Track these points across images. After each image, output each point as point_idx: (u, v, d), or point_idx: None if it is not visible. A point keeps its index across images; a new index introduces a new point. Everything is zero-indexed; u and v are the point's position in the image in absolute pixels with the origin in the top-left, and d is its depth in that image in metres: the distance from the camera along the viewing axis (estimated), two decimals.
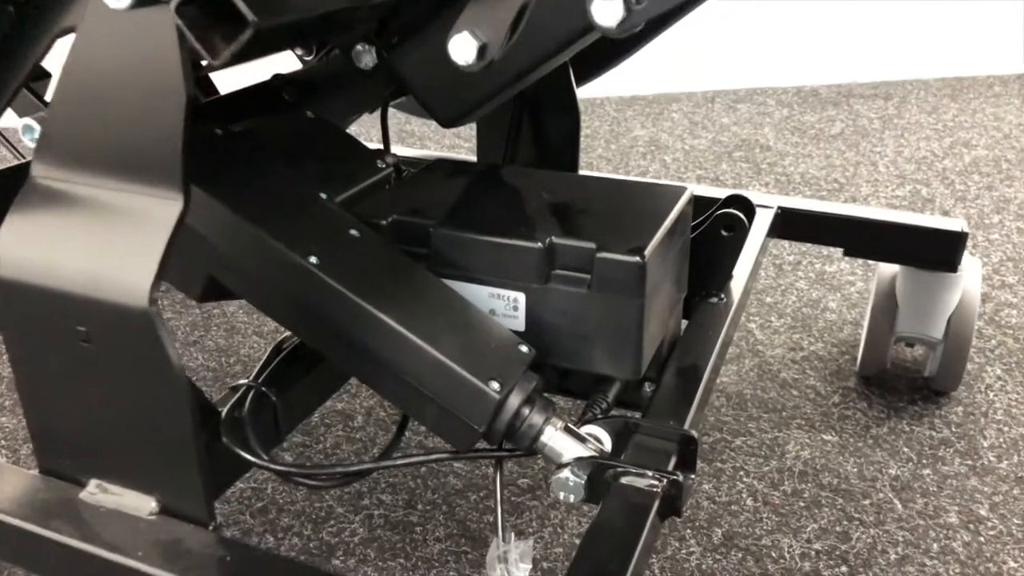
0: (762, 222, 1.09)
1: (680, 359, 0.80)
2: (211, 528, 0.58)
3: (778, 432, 1.14)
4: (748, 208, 0.89)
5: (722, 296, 0.90)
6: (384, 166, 0.85)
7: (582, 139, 1.33)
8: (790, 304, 1.45)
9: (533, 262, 0.71)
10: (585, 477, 0.66)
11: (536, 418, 0.67)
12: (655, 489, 0.63)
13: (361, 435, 1.13)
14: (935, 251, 1.08)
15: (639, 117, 2.46)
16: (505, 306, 0.73)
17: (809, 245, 1.66)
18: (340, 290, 0.66)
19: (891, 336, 1.18)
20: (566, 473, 0.66)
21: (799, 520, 1.00)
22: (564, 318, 0.72)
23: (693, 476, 0.68)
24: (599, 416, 0.72)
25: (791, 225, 1.12)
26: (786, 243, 1.66)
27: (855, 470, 1.08)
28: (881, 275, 1.17)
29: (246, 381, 0.73)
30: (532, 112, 1.17)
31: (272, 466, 0.66)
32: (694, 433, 0.68)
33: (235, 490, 1.03)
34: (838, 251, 1.63)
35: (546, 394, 0.72)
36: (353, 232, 0.72)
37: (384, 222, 0.75)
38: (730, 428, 1.15)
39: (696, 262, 0.86)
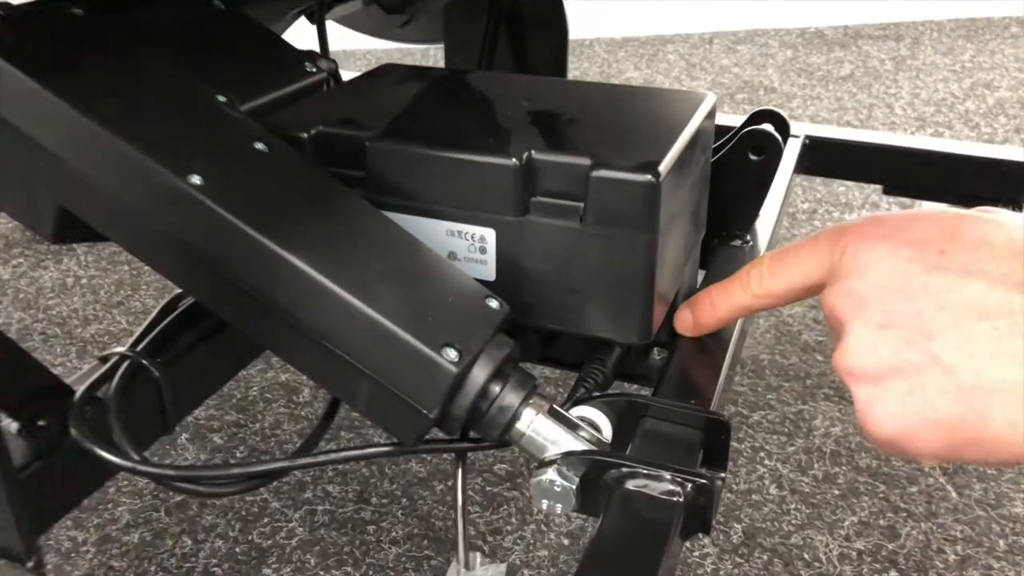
0: (788, 154, 0.90)
1: None
2: (30, 566, 0.39)
3: (803, 404, 0.97)
4: (781, 126, 0.70)
5: (747, 239, 0.72)
6: (315, 71, 0.66)
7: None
8: None
9: (506, 185, 0.52)
10: (577, 479, 0.48)
11: (509, 398, 0.49)
12: (675, 498, 0.45)
13: (307, 412, 0.94)
14: (995, 187, 0.89)
15: (632, 59, 2.26)
16: (469, 248, 0.54)
17: (823, 192, 1.47)
18: (231, 221, 0.47)
19: None
20: (551, 474, 0.48)
21: (835, 512, 0.83)
22: (548, 262, 0.53)
23: (724, 475, 0.50)
24: (595, 394, 0.54)
25: (821, 158, 0.93)
26: (799, 189, 1.48)
27: None
28: None
29: (120, 349, 0.54)
30: (511, 24, 0.97)
31: (142, 468, 0.47)
32: (726, 416, 0.49)
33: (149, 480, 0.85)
34: (857, 199, 1.45)
35: (524, 365, 0.53)
36: (259, 146, 0.53)
37: (306, 135, 0.56)
38: (746, 400, 0.97)
39: (716, 195, 0.67)
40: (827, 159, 0.93)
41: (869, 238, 0.45)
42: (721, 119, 0.83)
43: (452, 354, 0.47)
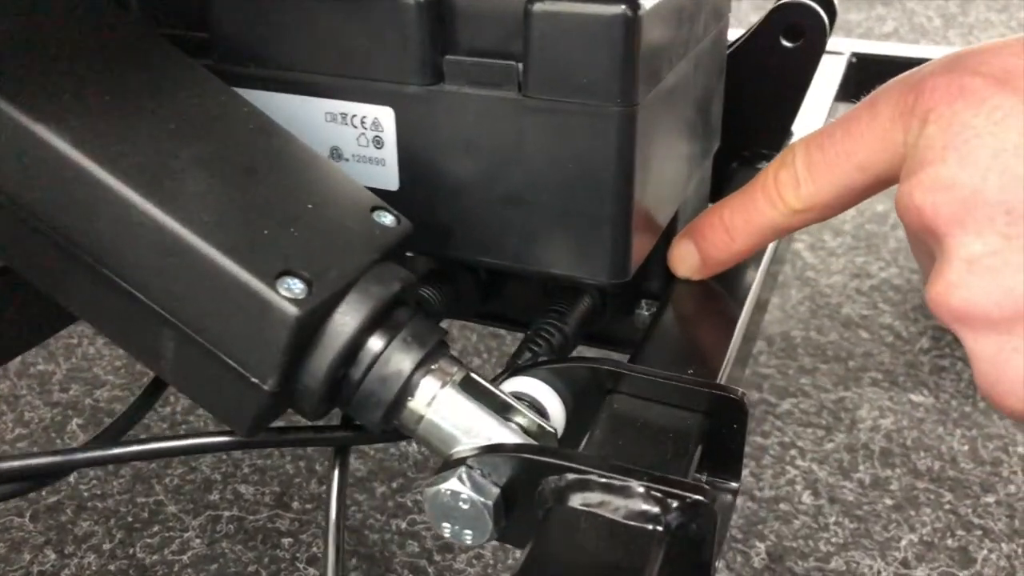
0: (830, 73, 0.72)
1: None
2: None
3: (844, 391, 0.78)
4: (826, 5, 0.51)
5: None
6: None
7: None
8: (848, 219, 1.08)
9: (405, 36, 0.34)
10: (498, 490, 0.30)
11: (397, 360, 0.31)
12: (651, 524, 0.27)
13: None
14: None
15: None
16: (359, 139, 0.37)
17: None
18: None
19: None
20: (454, 482, 0.30)
21: (887, 528, 0.64)
22: (473, 157, 0.35)
23: (736, 486, 0.32)
24: (542, 360, 0.36)
25: (872, 82, 0.74)
26: None
27: (965, 448, 0.71)
28: None
29: None
30: None
31: None
32: (741, 393, 0.31)
33: None
34: None
35: (435, 317, 0.36)
36: None
37: None
38: (774, 385, 0.79)
39: (735, 97, 0.49)
40: (879, 83, 0.74)
41: (969, 91, 0.28)
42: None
43: (295, 287, 0.29)
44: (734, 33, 0.51)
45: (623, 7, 0.31)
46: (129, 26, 0.36)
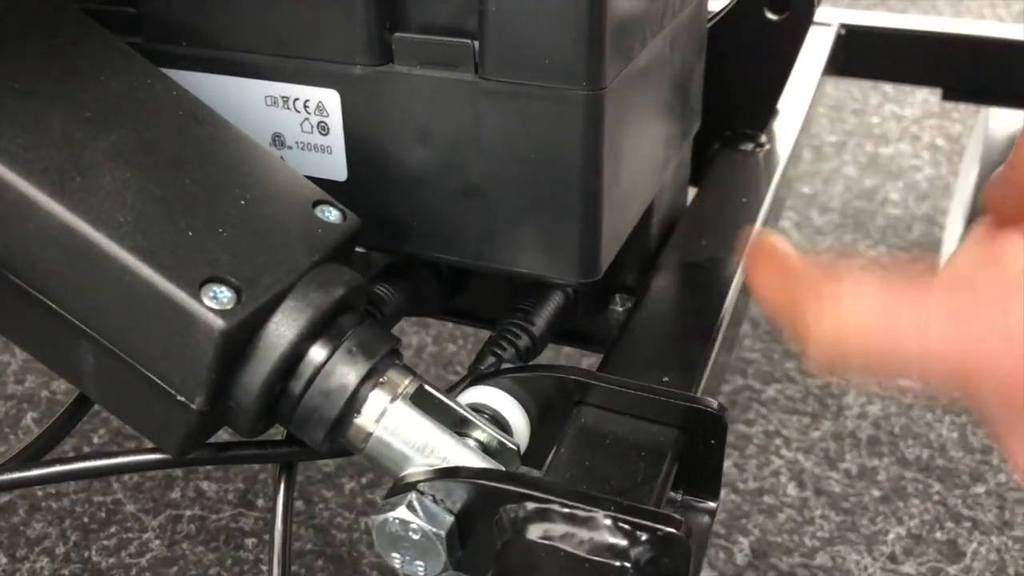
0: (818, 48, 0.68)
1: (684, 250, 0.41)
2: None
3: (830, 376, 0.76)
4: None
5: (762, 141, 0.50)
6: None
7: None
8: (836, 195, 1.05)
9: (350, 11, 0.31)
10: (452, 518, 0.27)
11: (341, 372, 0.28)
12: (618, 560, 0.24)
13: None
14: None
15: None
16: (303, 124, 0.33)
17: (855, 121, 1.25)
18: None
19: None
20: (403, 511, 0.27)
21: (875, 521, 0.62)
22: (428, 145, 0.32)
23: (714, 506, 0.29)
24: (505, 368, 0.33)
25: (861, 54, 0.71)
26: (824, 119, 1.25)
27: (954, 435, 0.69)
28: (992, 138, 0.77)
29: None
30: None
31: None
32: (718, 407, 0.29)
33: None
34: (894, 130, 1.22)
35: (394, 316, 0.33)
36: None
37: None
38: (759, 370, 0.77)
39: (716, 74, 0.46)
40: (868, 56, 0.71)
41: None
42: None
43: (222, 295, 0.26)
44: (715, 5, 0.48)
45: None
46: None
